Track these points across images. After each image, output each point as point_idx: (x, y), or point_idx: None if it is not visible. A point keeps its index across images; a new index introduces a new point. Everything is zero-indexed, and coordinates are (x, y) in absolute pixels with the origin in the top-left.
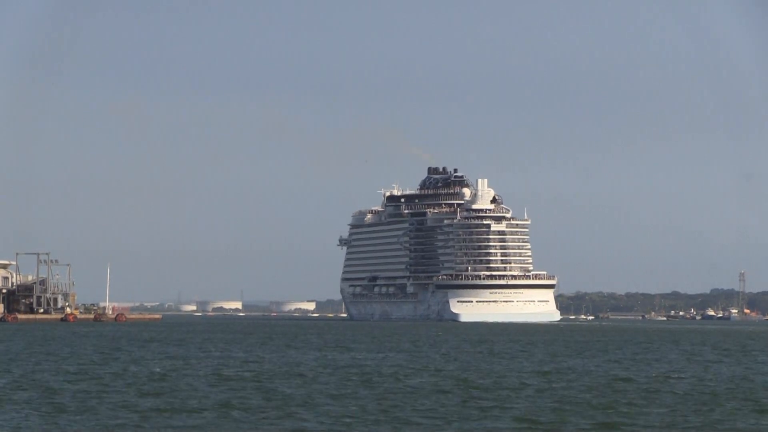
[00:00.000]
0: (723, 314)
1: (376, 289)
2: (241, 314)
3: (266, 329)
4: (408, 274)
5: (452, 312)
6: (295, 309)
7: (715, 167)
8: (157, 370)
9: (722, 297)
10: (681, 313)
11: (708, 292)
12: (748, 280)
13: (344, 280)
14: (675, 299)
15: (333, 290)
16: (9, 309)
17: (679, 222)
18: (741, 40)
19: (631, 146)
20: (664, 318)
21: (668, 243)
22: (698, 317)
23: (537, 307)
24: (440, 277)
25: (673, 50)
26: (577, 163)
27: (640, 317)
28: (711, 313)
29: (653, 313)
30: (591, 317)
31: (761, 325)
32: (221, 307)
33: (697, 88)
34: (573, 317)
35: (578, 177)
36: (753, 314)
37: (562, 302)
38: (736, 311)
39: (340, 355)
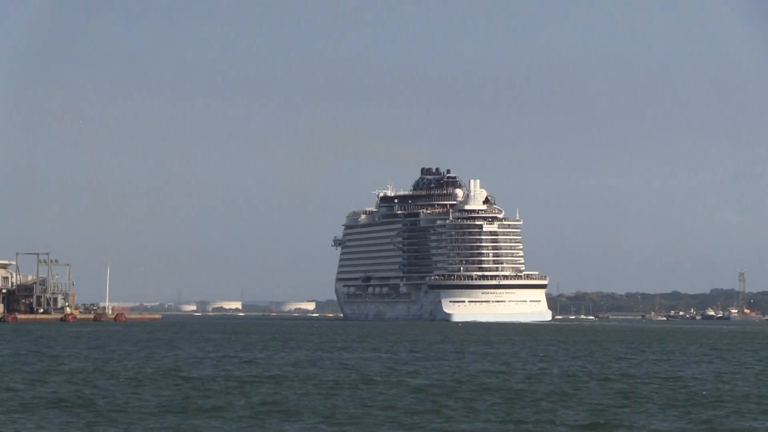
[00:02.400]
0: (723, 314)
1: (370, 290)
2: (241, 314)
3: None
4: (401, 274)
5: (444, 312)
6: (295, 309)
7: (715, 167)
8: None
9: (722, 297)
10: (681, 313)
11: (708, 292)
12: (748, 280)
13: (339, 280)
14: (675, 299)
15: (333, 290)
16: (9, 309)
17: (679, 222)
18: (741, 40)
19: (629, 146)
20: (664, 318)
21: (668, 243)
22: (698, 317)
23: (529, 307)
24: (433, 278)
25: (674, 50)
26: (575, 162)
27: (640, 317)
28: (711, 313)
29: (653, 313)
30: (591, 317)
31: (762, 325)
32: (221, 307)
33: (697, 89)
34: (573, 317)
35: (576, 176)
36: (753, 314)
37: (562, 302)
38: (736, 311)
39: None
